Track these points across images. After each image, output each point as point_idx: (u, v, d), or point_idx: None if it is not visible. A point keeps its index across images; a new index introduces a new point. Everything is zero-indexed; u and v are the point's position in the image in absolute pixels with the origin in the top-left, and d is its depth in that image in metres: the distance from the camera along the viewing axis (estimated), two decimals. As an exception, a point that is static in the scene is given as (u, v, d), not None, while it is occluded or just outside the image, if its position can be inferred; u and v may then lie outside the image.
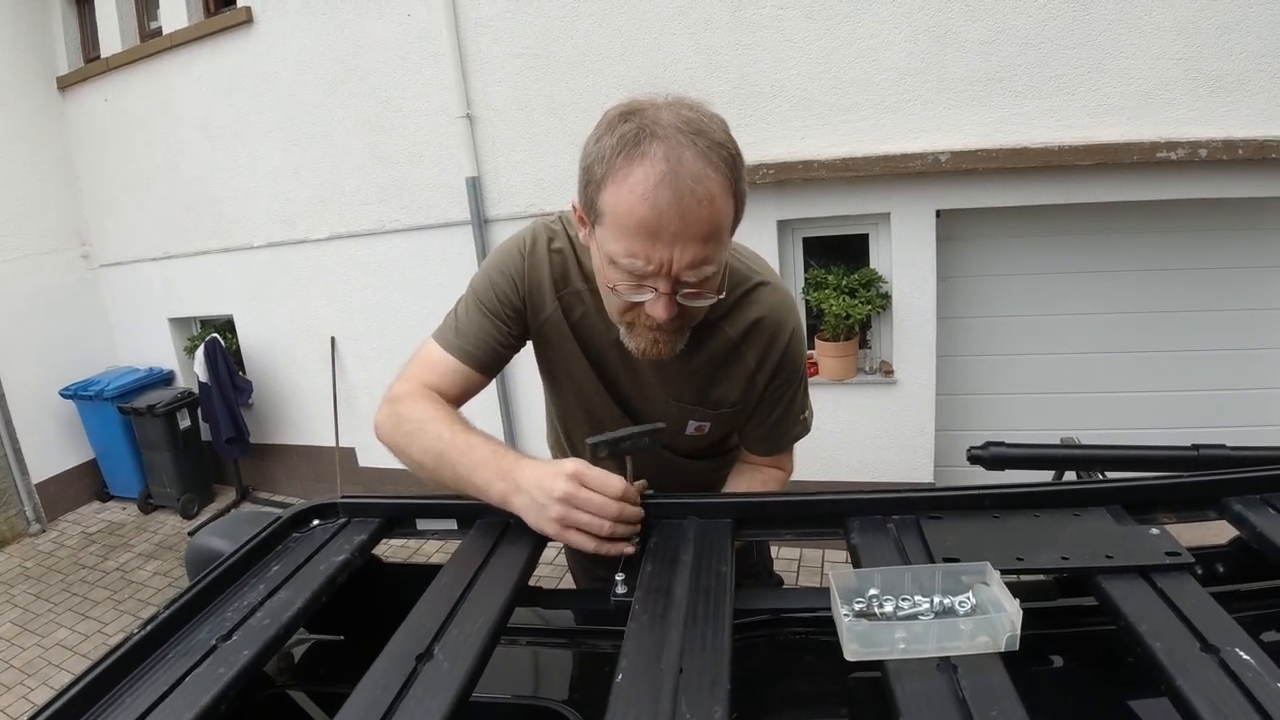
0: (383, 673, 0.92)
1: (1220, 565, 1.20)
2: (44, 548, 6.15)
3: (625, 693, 0.84)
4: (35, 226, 6.47)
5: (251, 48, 5.47)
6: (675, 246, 1.15)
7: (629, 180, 1.13)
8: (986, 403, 4.63)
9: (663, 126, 1.13)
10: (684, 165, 1.11)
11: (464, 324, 1.52)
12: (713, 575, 1.06)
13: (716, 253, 1.19)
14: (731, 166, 1.16)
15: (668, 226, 1.13)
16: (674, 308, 1.22)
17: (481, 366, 1.52)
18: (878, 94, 4.11)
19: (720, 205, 1.15)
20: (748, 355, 1.50)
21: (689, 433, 1.61)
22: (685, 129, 1.13)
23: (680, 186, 1.10)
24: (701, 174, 1.12)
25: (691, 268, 1.17)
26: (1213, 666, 0.80)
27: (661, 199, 1.11)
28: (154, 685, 0.95)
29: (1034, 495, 1.16)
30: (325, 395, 5.95)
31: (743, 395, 1.55)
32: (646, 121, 1.14)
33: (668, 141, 1.12)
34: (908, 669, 0.83)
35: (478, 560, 1.17)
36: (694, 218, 1.12)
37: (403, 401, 1.47)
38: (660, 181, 1.11)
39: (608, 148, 1.16)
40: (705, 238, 1.15)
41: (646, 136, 1.13)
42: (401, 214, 5.33)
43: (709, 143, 1.14)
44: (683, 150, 1.11)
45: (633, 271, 1.19)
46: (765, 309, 1.49)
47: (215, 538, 1.42)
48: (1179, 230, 4.09)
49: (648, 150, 1.12)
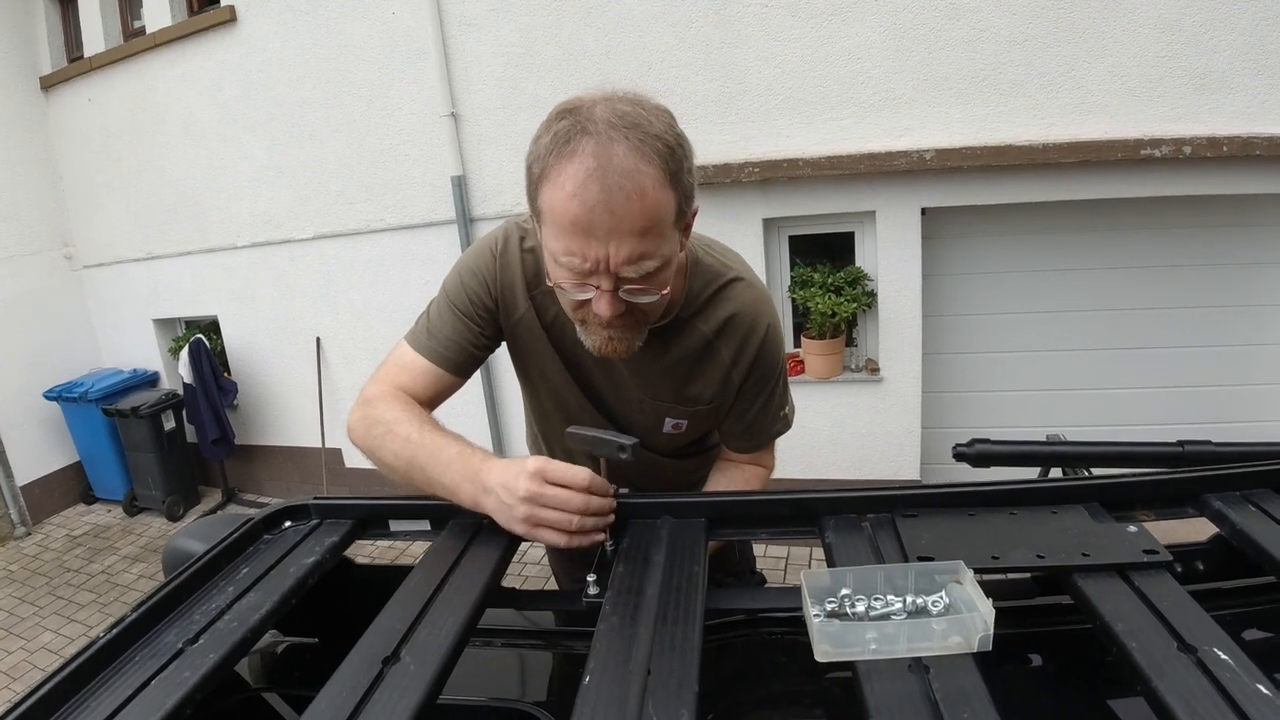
0: (348, 676, 0.90)
1: (1200, 563, 1.20)
2: (29, 551, 6.11)
3: (593, 695, 0.83)
4: (18, 227, 6.43)
5: (235, 47, 5.44)
6: (610, 242, 1.13)
7: (561, 178, 1.12)
8: (972, 400, 4.64)
9: (595, 122, 1.12)
10: (614, 160, 1.10)
11: (435, 325, 1.52)
12: (685, 575, 1.05)
13: (656, 246, 1.17)
14: (669, 158, 1.14)
15: (600, 223, 1.12)
16: (618, 305, 1.21)
17: (454, 368, 1.51)
18: (862, 92, 4.11)
19: (654, 198, 1.13)
20: (723, 352, 1.49)
21: (666, 430, 1.60)
22: (619, 123, 1.12)
23: (609, 181, 1.10)
24: (632, 168, 1.10)
25: (629, 263, 1.16)
26: (1190, 666, 0.79)
27: (590, 195, 1.10)
28: (120, 689, 0.94)
29: (1012, 493, 1.15)
30: (311, 396, 5.92)
31: (719, 392, 1.54)
32: (581, 118, 1.14)
33: (599, 137, 1.11)
34: (879, 670, 0.82)
35: (448, 561, 1.15)
36: (624, 212, 1.11)
37: (374, 404, 1.46)
38: (589, 177, 1.10)
39: (544, 146, 1.16)
40: (640, 232, 1.14)
41: (578, 133, 1.12)
42: (386, 213, 5.31)
43: (643, 135, 1.12)
44: (613, 145, 1.11)
45: (573, 269, 1.18)
46: (739, 305, 1.48)
47: (192, 540, 1.41)
48: (1163, 227, 4.11)
49: (579, 147, 1.11)
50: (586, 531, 1.18)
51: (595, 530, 1.19)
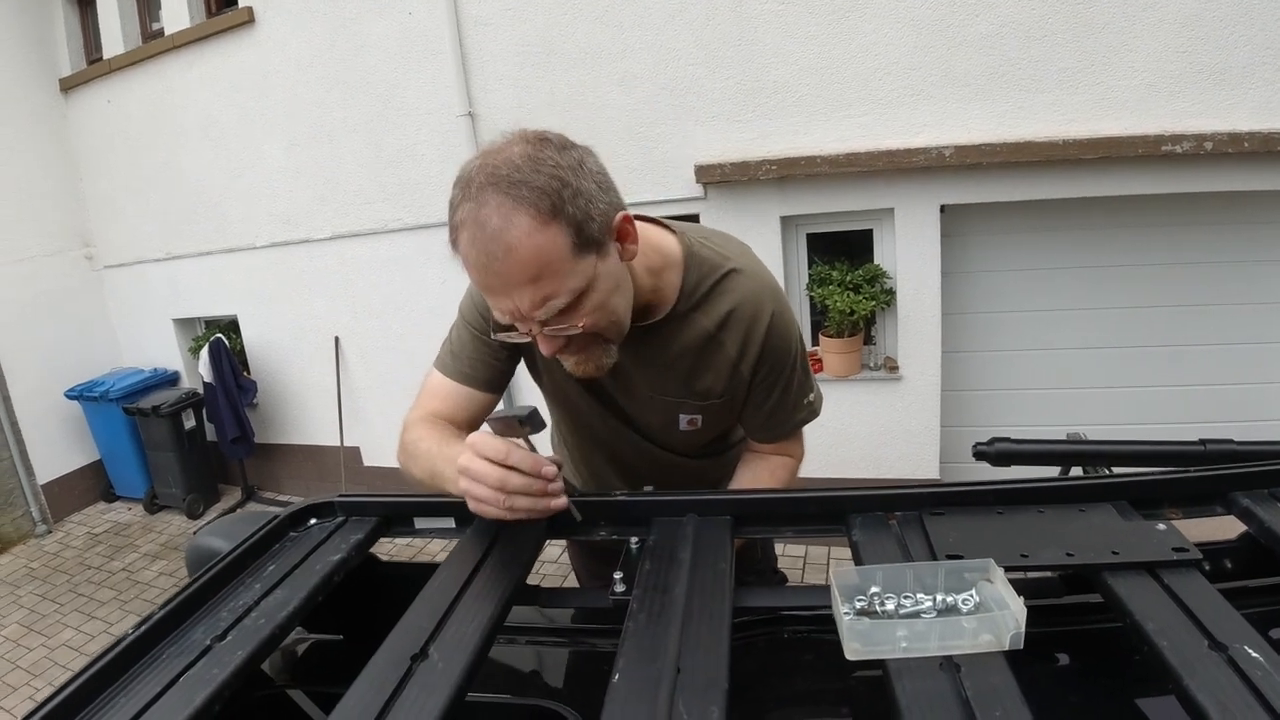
0: (377, 673, 0.90)
1: (1228, 561, 1.18)
2: (50, 548, 6.17)
3: (622, 693, 0.83)
4: (39, 228, 6.49)
5: (253, 48, 5.47)
6: (510, 296, 1.18)
7: (458, 248, 1.18)
8: (992, 398, 4.61)
9: (470, 185, 1.15)
10: (485, 222, 1.12)
11: (457, 346, 1.58)
12: (712, 573, 1.04)
13: (557, 285, 1.18)
14: (539, 199, 1.13)
15: (493, 282, 1.17)
16: (553, 343, 1.27)
17: (484, 385, 1.57)
18: (880, 89, 4.09)
19: (530, 245, 1.13)
20: (728, 344, 1.48)
21: (683, 428, 1.60)
22: (487, 182, 1.14)
23: (485, 244, 1.13)
24: (501, 224, 1.12)
25: (536, 308, 1.18)
26: (1221, 664, 0.78)
27: (475, 259, 1.15)
28: (148, 685, 0.94)
29: (1039, 491, 1.14)
30: (329, 395, 5.95)
31: (729, 385, 1.53)
32: (462, 184, 1.17)
33: (472, 201, 1.14)
34: (909, 668, 0.82)
35: (475, 559, 1.15)
36: (505, 268, 1.14)
37: (409, 429, 1.53)
38: (470, 241, 1.14)
39: (448, 217, 1.20)
40: (531, 279, 1.15)
41: (461, 201, 1.16)
42: (404, 213, 5.33)
43: (508, 186, 1.13)
44: (481, 208, 1.13)
45: (502, 322, 1.26)
46: (740, 296, 1.47)
47: (215, 538, 1.41)
48: (1185, 224, 4.07)
49: (461, 215, 1.15)
50: (519, 509, 1.19)
51: (531, 509, 1.19)
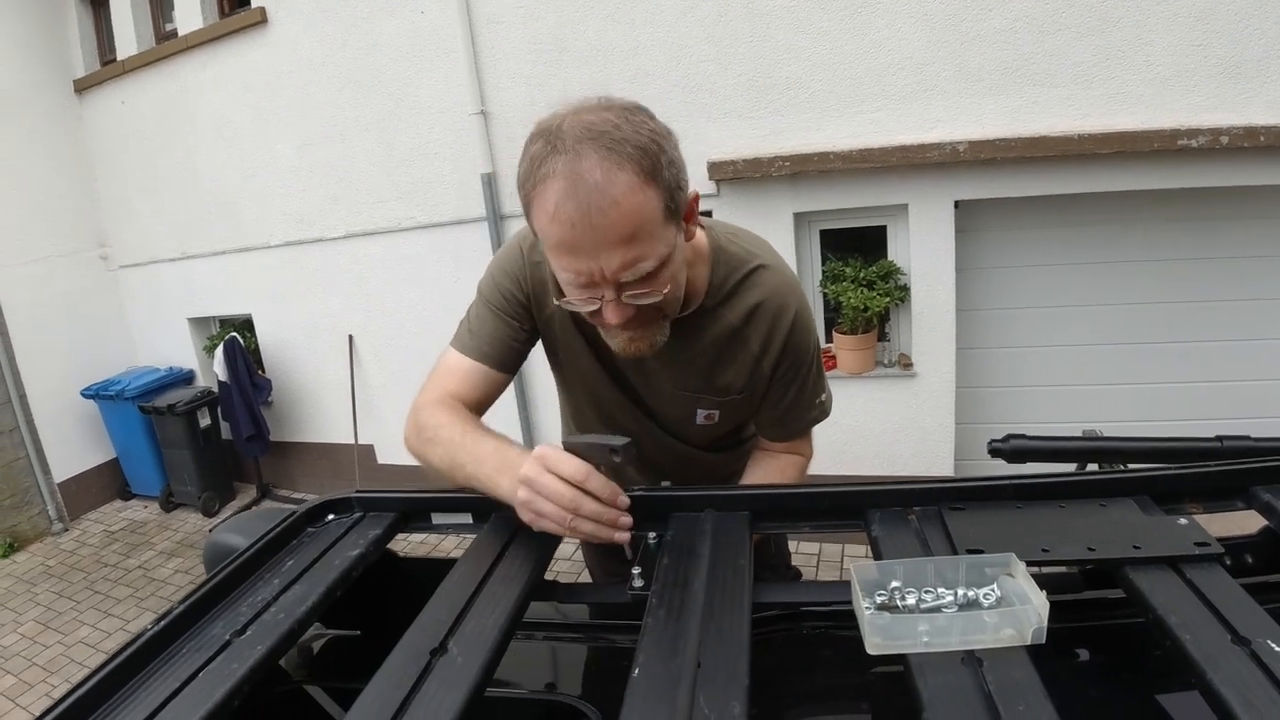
0: (397, 667, 0.91)
1: (1249, 555, 1.17)
2: (66, 546, 6.21)
3: (642, 688, 0.83)
4: (54, 228, 6.53)
5: (266, 48, 5.50)
6: (599, 256, 1.15)
7: (541, 201, 1.14)
8: (1007, 395, 4.59)
9: (564, 139, 1.13)
10: (584, 175, 1.10)
11: (476, 325, 1.55)
12: (730, 568, 1.04)
13: (648, 248, 1.17)
14: (642, 157, 1.13)
15: (583, 239, 1.13)
16: (624, 311, 1.23)
17: (500, 364, 1.53)
18: (893, 84, 4.08)
19: (632, 203, 1.12)
20: (751, 340, 1.49)
21: (699, 422, 1.60)
22: (585, 135, 1.12)
23: (582, 198, 1.10)
24: (603, 180, 1.10)
25: (623, 269, 1.17)
26: (1244, 659, 0.78)
27: (568, 214, 1.11)
28: (168, 681, 0.95)
29: (1059, 485, 1.13)
30: (344, 393, 5.97)
31: (750, 381, 1.53)
32: (551, 137, 1.14)
33: (568, 154, 1.11)
34: (931, 663, 0.81)
35: (492, 555, 1.15)
36: (604, 224, 1.11)
37: (422, 410, 1.48)
38: (564, 197, 1.11)
39: (524, 171, 1.17)
40: (626, 239, 1.14)
41: (550, 154, 1.13)
42: (417, 211, 5.34)
43: (611, 142, 1.12)
44: (581, 160, 1.11)
45: (574, 284, 1.21)
46: (766, 292, 1.47)
47: (232, 534, 1.42)
48: (1201, 219, 4.05)
49: (551, 168, 1.12)
50: (580, 531, 1.14)
51: (594, 534, 1.15)
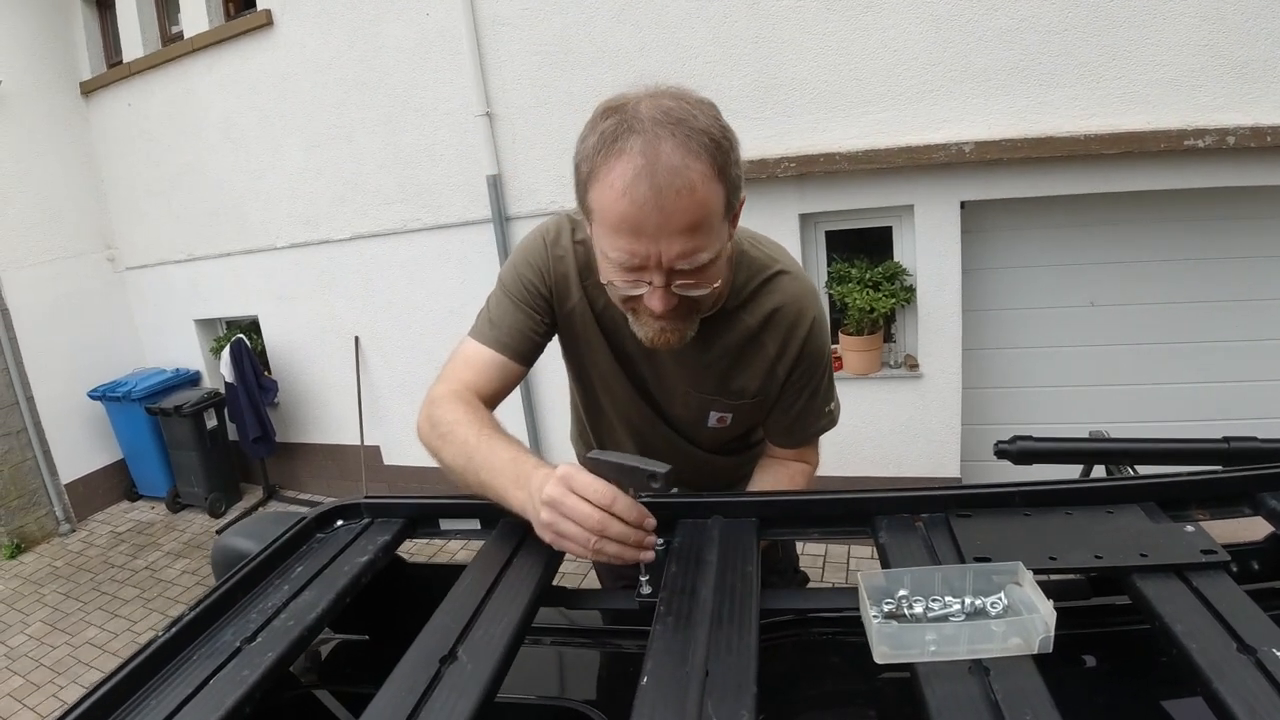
0: (407, 675, 0.91)
1: (1256, 562, 1.18)
2: (73, 547, 6.22)
3: (651, 695, 0.83)
4: (61, 230, 6.53)
5: (272, 50, 5.50)
6: (660, 239, 1.14)
7: (609, 177, 1.13)
8: (1013, 396, 4.59)
9: (641, 120, 1.13)
10: (661, 158, 1.10)
11: (497, 316, 1.53)
12: (738, 575, 1.04)
13: (708, 241, 1.18)
14: (715, 152, 1.14)
15: (649, 220, 1.12)
16: (670, 299, 1.22)
17: (518, 356, 1.51)
18: (899, 85, 4.07)
19: (703, 193, 1.13)
20: (768, 344, 1.50)
21: (711, 425, 1.61)
22: (664, 119, 1.12)
23: (657, 180, 1.10)
24: (679, 165, 1.11)
25: (681, 258, 1.17)
26: (1250, 667, 0.78)
27: (640, 193, 1.11)
28: (179, 687, 0.96)
29: (1065, 492, 1.13)
30: (350, 394, 5.97)
31: (764, 385, 1.54)
32: (626, 116, 1.14)
33: (645, 135, 1.11)
34: (939, 671, 0.82)
35: (501, 560, 1.16)
36: (674, 209, 1.12)
37: (439, 404, 1.45)
38: (637, 176, 1.10)
39: (591, 146, 1.16)
40: (690, 228, 1.14)
41: (625, 132, 1.12)
42: (423, 213, 5.35)
43: (689, 131, 1.12)
44: (660, 143, 1.11)
45: (625, 266, 1.20)
46: (785, 297, 1.48)
47: (240, 538, 1.43)
48: (1208, 219, 4.03)
49: (625, 146, 1.12)
50: (608, 554, 1.09)
51: (619, 555, 1.09)
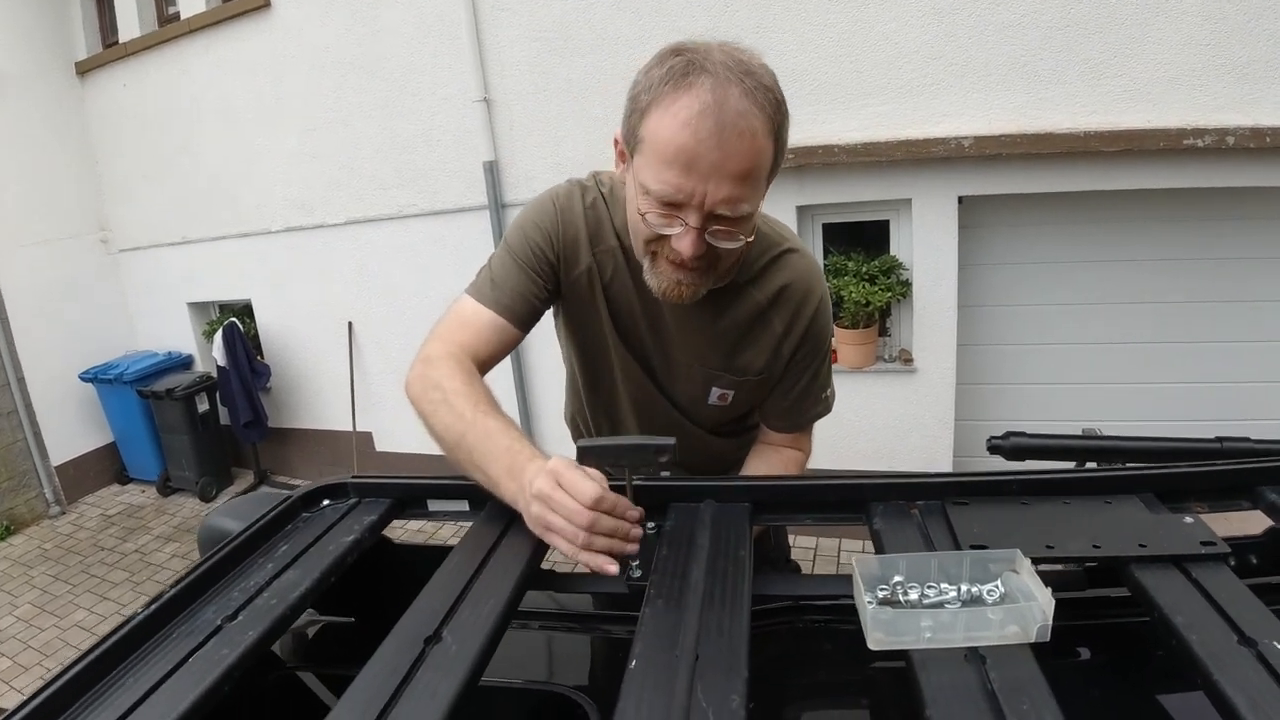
0: (390, 655, 0.89)
1: (1254, 556, 1.17)
2: (63, 530, 6.20)
3: (639, 679, 0.82)
4: (55, 212, 6.50)
5: (269, 32, 5.47)
6: (711, 180, 1.14)
7: (673, 107, 1.14)
8: (1007, 392, 4.58)
9: (713, 62, 1.14)
10: (729, 100, 1.11)
11: (499, 277, 1.48)
12: (730, 560, 1.03)
13: (752, 193, 1.19)
14: (776, 111, 1.17)
15: (706, 156, 1.13)
16: (701, 245, 1.21)
17: (518, 320, 1.48)
18: (900, 78, 4.06)
19: (761, 144, 1.15)
20: (775, 321, 1.50)
21: (712, 402, 1.60)
22: (735, 68, 1.14)
23: (724, 118, 1.11)
24: (746, 110, 1.12)
25: (726, 203, 1.17)
26: (1250, 660, 0.78)
27: (703, 127, 1.11)
28: (158, 665, 0.94)
29: (1063, 482, 1.12)
30: (343, 380, 5.96)
31: (768, 363, 1.54)
32: (697, 57, 1.15)
33: (716, 76, 1.12)
34: (934, 659, 0.80)
35: (489, 543, 1.14)
36: (733, 150, 1.12)
37: (434, 364, 1.39)
38: (704, 110, 1.11)
39: (656, 78, 1.17)
40: (743, 175, 1.15)
41: (696, 69, 1.14)
42: (419, 199, 5.32)
43: (756, 84, 1.14)
44: (729, 86, 1.12)
45: (665, 200, 1.18)
46: (794, 275, 1.49)
47: (227, 518, 1.41)
48: (1205, 219, 4.03)
49: (695, 81, 1.13)
50: (596, 550, 1.06)
51: (607, 549, 1.07)
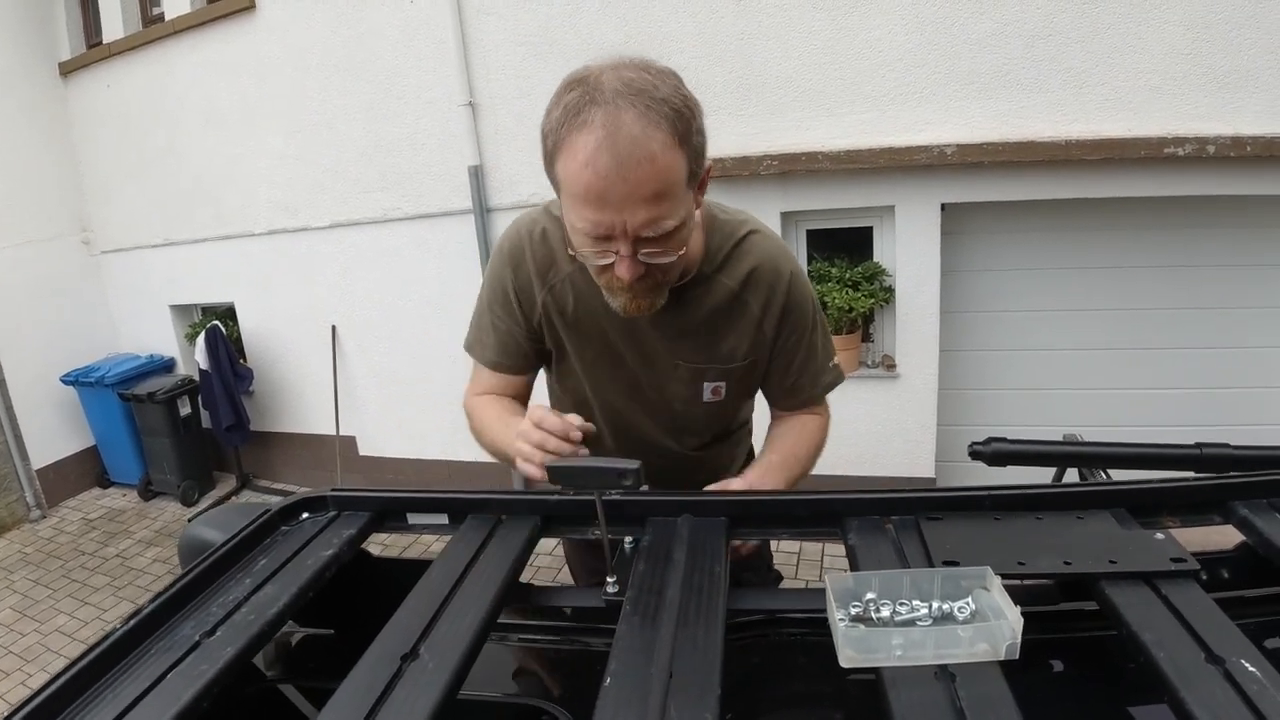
0: (366, 672, 0.90)
1: (1225, 570, 1.18)
2: (44, 534, 6.15)
3: (614, 696, 0.82)
4: (37, 212, 6.45)
5: (253, 34, 5.44)
6: (625, 210, 1.17)
7: (573, 149, 1.16)
8: (989, 398, 4.61)
9: (604, 91, 1.15)
10: (623, 128, 1.13)
11: (485, 335, 1.64)
12: (706, 575, 1.03)
13: (672, 208, 1.20)
14: (676, 120, 1.17)
15: (614, 190, 1.15)
16: (638, 268, 1.26)
17: (517, 369, 1.65)
18: (883, 85, 4.08)
19: (664, 162, 1.16)
20: (751, 303, 1.52)
21: (707, 398, 1.61)
22: (625, 91, 1.15)
23: (619, 150, 1.13)
24: (641, 134, 1.13)
25: (646, 225, 1.20)
26: (1217, 678, 0.78)
27: (603, 163, 1.13)
28: (136, 682, 0.94)
29: (1036, 497, 1.13)
30: (326, 384, 5.93)
31: (753, 346, 1.56)
32: (589, 88, 1.16)
33: (607, 106, 1.14)
34: (904, 676, 0.81)
35: (467, 557, 1.15)
36: (637, 177, 1.14)
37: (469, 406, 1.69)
38: (599, 146, 1.13)
39: (555, 119, 1.19)
40: (654, 196, 1.17)
41: (588, 104, 1.15)
42: (403, 202, 5.30)
43: (650, 100, 1.15)
44: (621, 113, 1.13)
45: (592, 235, 1.22)
46: (761, 255, 1.51)
47: (208, 528, 1.41)
48: (1185, 227, 4.06)
49: (589, 118, 1.14)
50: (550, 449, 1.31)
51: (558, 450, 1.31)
